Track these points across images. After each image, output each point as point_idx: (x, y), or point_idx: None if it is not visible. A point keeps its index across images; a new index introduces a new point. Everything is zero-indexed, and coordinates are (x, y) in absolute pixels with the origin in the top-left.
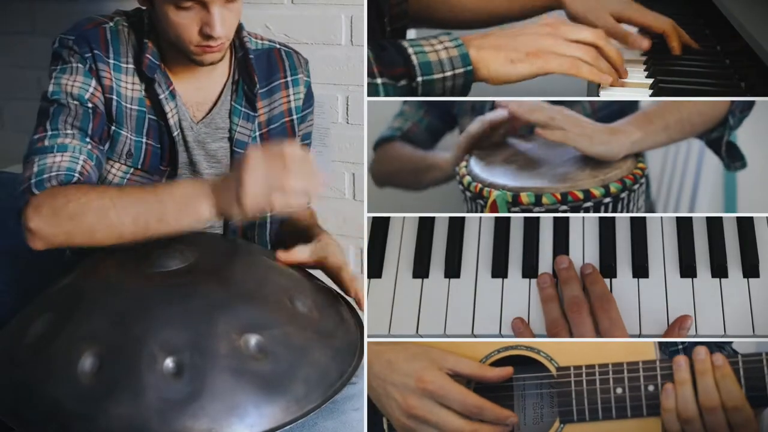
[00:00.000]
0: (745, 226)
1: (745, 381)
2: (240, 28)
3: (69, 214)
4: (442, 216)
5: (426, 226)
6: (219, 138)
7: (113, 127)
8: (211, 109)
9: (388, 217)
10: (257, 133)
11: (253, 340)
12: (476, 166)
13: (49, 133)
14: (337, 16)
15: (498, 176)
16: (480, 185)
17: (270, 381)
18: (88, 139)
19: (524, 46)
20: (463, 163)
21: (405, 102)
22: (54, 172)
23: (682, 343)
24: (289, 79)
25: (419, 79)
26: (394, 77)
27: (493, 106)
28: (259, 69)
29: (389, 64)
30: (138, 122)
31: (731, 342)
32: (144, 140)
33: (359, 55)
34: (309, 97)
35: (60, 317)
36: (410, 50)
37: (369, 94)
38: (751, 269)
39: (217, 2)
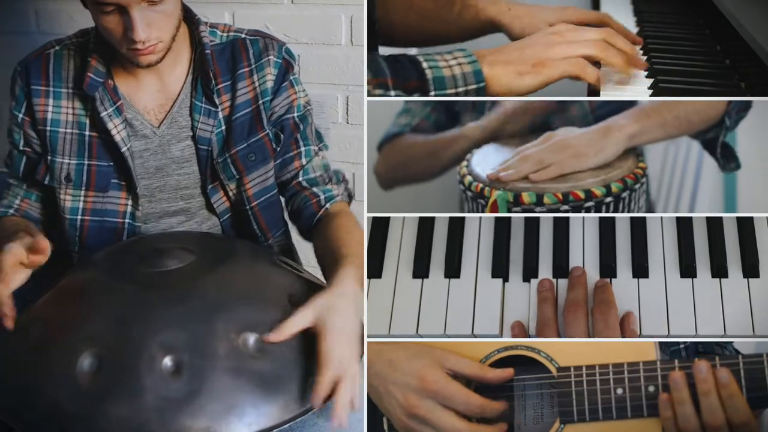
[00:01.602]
0: (745, 226)
1: (746, 381)
2: (197, 23)
3: None
4: (442, 216)
5: (426, 226)
6: (183, 138)
7: (48, 157)
8: (170, 109)
9: (388, 217)
10: (222, 128)
11: (251, 339)
12: (477, 166)
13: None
14: (337, 16)
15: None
16: (481, 185)
17: (268, 380)
18: (22, 180)
19: (532, 57)
20: (464, 163)
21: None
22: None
23: (684, 342)
24: (253, 66)
25: (432, 93)
26: (408, 90)
27: (492, 105)
28: (223, 62)
29: (403, 78)
30: (79, 145)
31: (732, 342)
32: (86, 162)
33: (359, 55)
34: (283, 74)
35: (59, 318)
36: (424, 64)
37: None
38: (751, 269)
39: (136, 6)
